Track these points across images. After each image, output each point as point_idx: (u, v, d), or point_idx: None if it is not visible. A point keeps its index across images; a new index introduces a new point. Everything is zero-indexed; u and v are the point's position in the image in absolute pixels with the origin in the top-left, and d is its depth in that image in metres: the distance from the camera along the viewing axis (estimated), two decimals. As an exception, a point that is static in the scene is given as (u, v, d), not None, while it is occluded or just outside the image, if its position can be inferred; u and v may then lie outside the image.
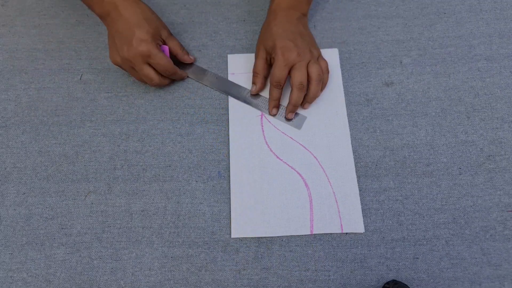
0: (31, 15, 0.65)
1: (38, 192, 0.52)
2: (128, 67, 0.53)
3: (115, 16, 0.51)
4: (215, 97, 0.58)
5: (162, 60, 0.52)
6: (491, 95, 0.56)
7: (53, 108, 0.57)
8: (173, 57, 0.58)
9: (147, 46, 0.51)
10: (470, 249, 0.48)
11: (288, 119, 0.56)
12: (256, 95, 0.57)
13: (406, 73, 0.58)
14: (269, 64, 0.56)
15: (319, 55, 0.56)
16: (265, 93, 0.58)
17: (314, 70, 0.52)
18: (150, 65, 0.53)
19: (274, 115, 0.56)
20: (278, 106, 0.56)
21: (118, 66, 0.54)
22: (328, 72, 0.56)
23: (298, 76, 0.52)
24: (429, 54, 0.59)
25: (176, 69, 0.56)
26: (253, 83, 0.57)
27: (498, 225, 0.49)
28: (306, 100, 0.55)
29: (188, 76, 0.59)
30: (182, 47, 0.58)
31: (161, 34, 0.54)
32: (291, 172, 0.52)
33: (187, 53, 0.58)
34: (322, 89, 0.56)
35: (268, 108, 0.56)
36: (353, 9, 0.64)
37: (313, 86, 0.53)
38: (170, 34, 0.57)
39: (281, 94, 0.55)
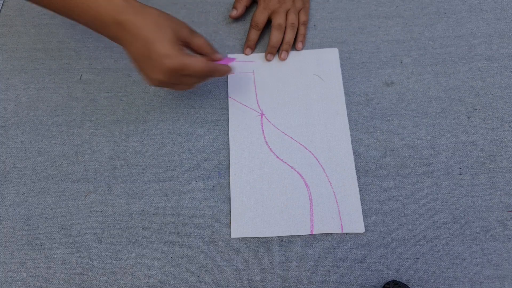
0: (31, 15, 0.65)
1: (37, 192, 0.52)
2: (167, 86, 0.47)
3: (125, 37, 0.44)
4: (215, 97, 0.58)
5: (196, 65, 0.45)
6: (492, 95, 0.56)
7: (53, 108, 0.57)
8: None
9: (172, 61, 0.43)
10: (471, 249, 0.48)
11: (282, 59, 0.60)
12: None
13: (406, 73, 0.58)
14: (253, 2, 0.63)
15: (302, 8, 0.61)
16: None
17: (289, 18, 0.59)
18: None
19: (247, 55, 0.60)
20: (253, 48, 0.60)
21: (157, 87, 0.48)
22: (305, 25, 0.61)
23: (277, 19, 0.59)
24: (429, 54, 0.59)
25: (215, 66, 0.47)
26: (234, 7, 0.62)
27: (498, 225, 0.49)
28: (282, 47, 0.60)
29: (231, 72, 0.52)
30: (209, 43, 0.49)
31: (180, 35, 0.46)
32: (291, 172, 0.52)
33: (216, 51, 0.50)
34: (300, 40, 0.60)
35: (243, 48, 0.61)
36: (353, 9, 0.63)
37: (287, 33, 0.59)
38: (192, 30, 0.48)
39: (258, 36, 0.60)
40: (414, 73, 0.58)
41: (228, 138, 0.55)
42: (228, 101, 0.57)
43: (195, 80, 0.48)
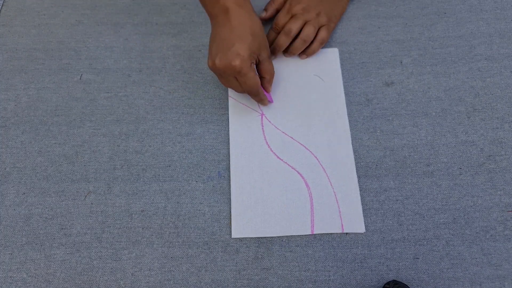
0: (31, 15, 0.65)
1: (37, 192, 0.52)
2: (217, 73, 0.50)
3: (223, 20, 0.48)
4: (215, 97, 0.58)
5: (251, 81, 0.48)
6: (492, 95, 0.56)
7: (52, 108, 0.57)
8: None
9: (240, 63, 0.46)
10: (471, 249, 0.48)
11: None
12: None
13: (406, 73, 0.58)
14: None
15: (325, 25, 0.58)
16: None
17: (305, 30, 0.57)
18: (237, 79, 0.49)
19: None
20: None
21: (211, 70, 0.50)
22: (320, 43, 0.58)
23: (289, 24, 0.56)
24: (429, 54, 0.59)
25: (261, 92, 0.52)
26: (265, 9, 0.61)
27: (498, 225, 0.49)
28: (281, 49, 0.58)
29: (269, 102, 0.56)
30: (273, 75, 0.54)
31: (260, 53, 0.50)
32: (292, 172, 0.52)
33: (271, 84, 0.55)
34: (306, 53, 0.59)
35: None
36: (353, 9, 0.63)
37: (296, 43, 0.57)
38: (269, 57, 0.52)
39: (275, 38, 0.58)
40: (414, 73, 0.58)
41: (228, 138, 0.55)
42: (228, 101, 0.57)
43: (240, 88, 0.50)
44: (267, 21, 0.62)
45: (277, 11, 0.61)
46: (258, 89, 0.50)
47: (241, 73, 0.47)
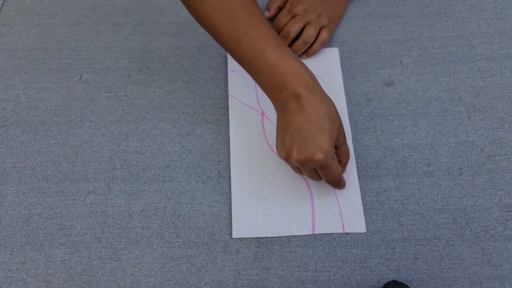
0: (30, 14, 0.65)
1: (37, 192, 0.52)
2: (291, 165, 0.46)
3: (294, 108, 0.42)
4: (215, 97, 0.58)
5: (335, 172, 0.44)
6: (492, 95, 0.56)
7: (52, 108, 0.57)
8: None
9: (324, 156, 0.41)
10: (471, 249, 0.48)
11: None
12: None
13: (406, 73, 0.58)
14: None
15: (326, 26, 0.58)
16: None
17: (306, 32, 0.56)
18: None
19: None
20: None
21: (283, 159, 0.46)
22: (321, 44, 0.58)
23: (288, 26, 0.56)
24: (429, 54, 0.59)
25: (343, 181, 0.48)
26: (267, 8, 0.60)
27: (498, 225, 0.49)
28: None
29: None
30: (349, 157, 0.48)
31: (338, 138, 0.44)
32: (292, 172, 0.52)
33: (346, 166, 0.50)
34: (307, 54, 0.58)
35: None
36: (353, 8, 0.63)
37: (297, 44, 0.56)
38: (345, 139, 0.47)
39: None
40: (414, 73, 0.58)
41: (228, 138, 0.55)
42: (228, 100, 0.57)
43: (319, 178, 0.46)
44: (269, 20, 0.62)
45: (280, 8, 0.60)
46: (341, 178, 0.46)
47: (325, 166, 0.42)
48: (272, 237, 0.49)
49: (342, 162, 0.47)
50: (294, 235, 0.49)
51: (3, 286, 0.47)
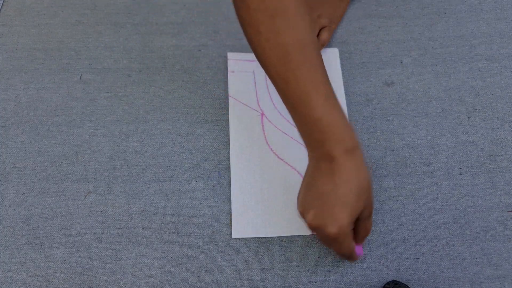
0: (30, 14, 0.65)
1: (37, 192, 0.52)
2: (309, 225, 0.42)
3: (325, 169, 0.39)
4: (215, 97, 0.58)
5: (345, 249, 0.41)
6: (492, 95, 0.56)
7: (52, 108, 0.57)
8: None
9: (337, 231, 0.38)
10: (471, 250, 0.48)
11: None
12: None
13: (406, 73, 0.58)
14: None
15: (326, 26, 0.57)
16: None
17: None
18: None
19: None
20: None
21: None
22: (321, 45, 0.57)
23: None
24: (429, 54, 0.59)
25: (354, 256, 0.44)
26: None
27: (498, 225, 0.49)
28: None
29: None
30: (369, 232, 0.44)
31: (364, 212, 0.40)
32: (292, 171, 0.52)
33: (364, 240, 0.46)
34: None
35: None
36: (353, 9, 0.63)
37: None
38: (371, 213, 0.42)
39: None
40: (414, 73, 0.58)
41: (228, 138, 0.55)
42: (228, 100, 0.57)
43: (329, 247, 0.46)
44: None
45: None
46: (352, 254, 0.43)
47: (336, 241, 0.40)
48: (272, 237, 0.49)
49: (360, 235, 0.44)
50: (294, 235, 0.49)
51: (3, 286, 0.47)
